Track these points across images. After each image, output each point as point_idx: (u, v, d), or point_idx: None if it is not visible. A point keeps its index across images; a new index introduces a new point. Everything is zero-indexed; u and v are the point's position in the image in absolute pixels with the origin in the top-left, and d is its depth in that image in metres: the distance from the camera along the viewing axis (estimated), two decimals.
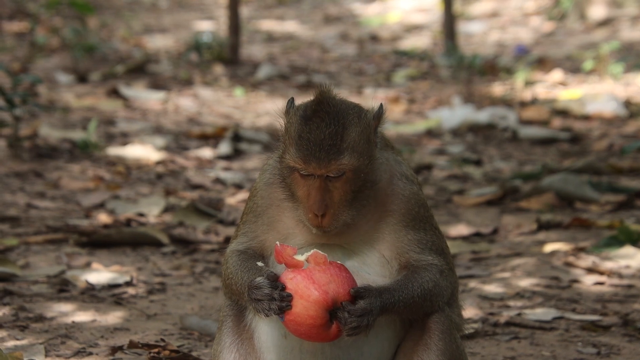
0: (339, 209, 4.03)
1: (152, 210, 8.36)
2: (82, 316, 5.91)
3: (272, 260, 4.14)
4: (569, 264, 7.02)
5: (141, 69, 15.32)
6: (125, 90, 13.45)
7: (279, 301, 3.85)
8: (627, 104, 13.53)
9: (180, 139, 11.46)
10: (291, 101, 4.16)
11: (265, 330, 4.15)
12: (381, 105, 4.16)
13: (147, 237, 7.51)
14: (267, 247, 4.21)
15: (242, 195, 9.08)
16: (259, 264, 4.08)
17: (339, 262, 3.96)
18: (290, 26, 22.02)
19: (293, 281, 3.88)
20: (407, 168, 4.26)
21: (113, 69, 15.00)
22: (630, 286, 6.61)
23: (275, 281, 3.88)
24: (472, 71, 15.42)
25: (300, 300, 3.84)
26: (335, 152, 3.99)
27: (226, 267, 4.21)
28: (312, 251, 3.92)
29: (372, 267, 4.12)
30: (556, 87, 15.04)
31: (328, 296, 3.84)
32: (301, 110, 4.08)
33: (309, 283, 3.85)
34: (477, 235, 8.02)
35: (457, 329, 4.22)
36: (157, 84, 14.34)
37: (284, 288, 3.86)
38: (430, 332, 4.11)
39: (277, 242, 3.95)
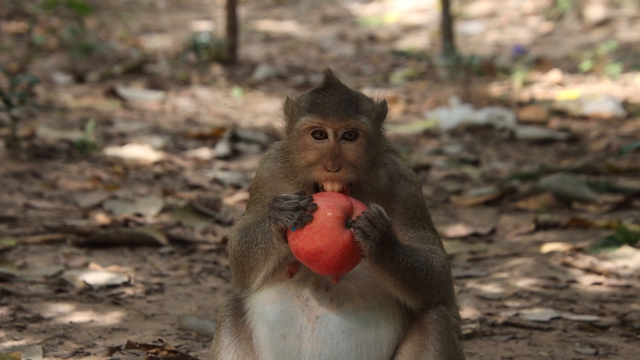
0: (352, 168, 4.05)
1: (150, 210, 8.36)
2: (80, 316, 5.91)
3: None
4: (567, 264, 7.02)
5: (139, 69, 15.32)
6: (123, 91, 13.44)
7: (304, 209, 3.87)
8: (625, 104, 13.54)
9: (178, 139, 11.46)
10: (289, 98, 4.20)
11: (263, 331, 4.15)
12: (384, 101, 4.22)
13: (145, 237, 7.51)
14: None
15: (240, 195, 9.08)
16: None
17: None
18: (288, 26, 22.02)
19: (318, 195, 3.97)
20: (405, 168, 4.28)
21: (111, 69, 15.00)
22: (628, 286, 6.61)
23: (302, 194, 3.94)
24: (470, 71, 15.43)
25: (321, 198, 3.92)
26: (353, 111, 4.05)
27: (232, 242, 4.18)
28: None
29: None
30: (554, 88, 15.05)
31: (349, 200, 3.92)
32: (307, 93, 4.14)
33: (332, 192, 3.97)
34: (475, 235, 8.02)
35: (455, 329, 4.22)
36: (155, 84, 14.34)
37: (311, 199, 3.91)
38: (428, 333, 4.11)
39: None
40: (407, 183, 4.24)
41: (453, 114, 12.80)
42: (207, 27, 20.45)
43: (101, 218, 8.02)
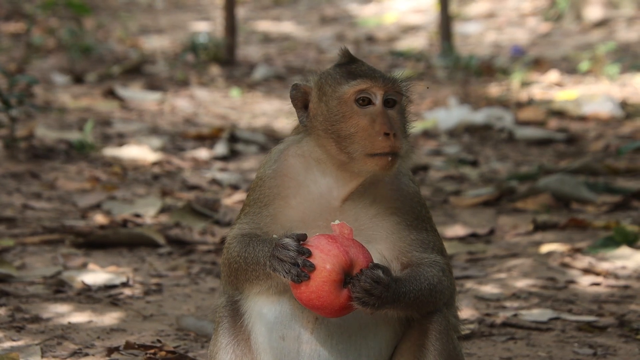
0: (400, 134, 4.10)
1: (148, 211, 8.36)
2: (79, 317, 5.90)
3: None
4: (565, 265, 7.02)
5: (137, 70, 15.32)
6: (122, 91, 13.44)
7: (299, 268, 3.83)
8: (623, 104, 13.54)
9: (177, 139, 11.46)
10: (297, 83, 4.18)
11: (262, 332, 4.14)
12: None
13: (144, 237, 7.51)
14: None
15: (239, 196, 9.08)
16: (275, 236, 4.05)
17: None
18: (287, 27, 22.03)
19: (316, 239, 3.90)
20: (407, 169, 4.29)
21: (109, 70, 15.00)
22: (626, 287, 6.61)
23: (300, 245, 3.88)
24: (469, 72, 15.43)
25: (320, 253, 3.86)
26: (393, 76, 4.15)
27: (230, 252, 4.15)
28: (339, 221, 3.95)
29: None
30: (552, 88, 15.05)
31: (347, 256, 3.86)
32: (332, 66, 4.18)
33: (332, 242, 3.88)
34: (474, 236, 8.02)
35: (454, 329, 4.21)
36: (153, 85, 14.34)
37: (309, 255, 3.85)
38: (428, 332, 4.10)
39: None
40: (411, 181, 4.26)
41: (451, 114, 12.80)
42: (206, 27, 20.45)
43: (100, 218, 8.02)
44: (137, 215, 8.25)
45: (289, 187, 4.17)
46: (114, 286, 6.50)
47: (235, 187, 9.55)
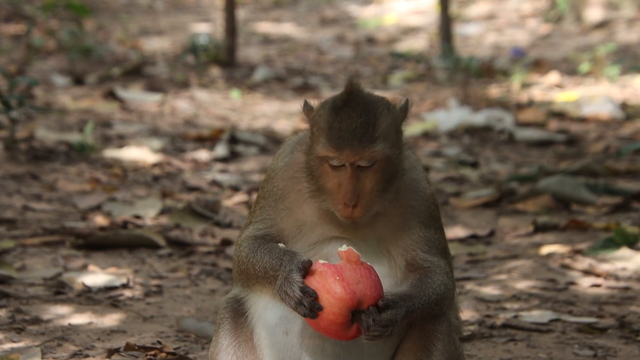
0: (370, 199, 4.02)
1: (148, 212, 8.36)
2: (79, 318, 5.90)
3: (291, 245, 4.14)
4: (566, 266, 7.02)
5: (137, 71, 15.32)
6: (122, 93, 13.44)
7: (307, 309, 3.85)
8: (624, 106, 13.54)
9: (177, 141, 11.46)
10: (307, 102, 4.15)
11: (265, 326, 4.14)
12: (407, 100, 4.17)
13: (144, 239, 7.51)
14: (285, 236, 4.16)
15: (239, 197, 9.08)
16: (281, 245, 4.06)
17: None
18: (287, 28, 22.03)
19: (322, 275, 3.88)
20: (423, 171, 4.30)
21: (109, 71, 15.00)
22: (626, 288, 6.61)
23: (306, 286, 3.87)
24: (469, 73, 15.43)
25: (327, 295, 3.85)
26: (368, 140, 3.98)
27: (240, 252, 4.16)
28: (347, 248, 3.92)
29: (379, 268, 4.08)
30: (552, 89, 15.05)
31: (354, 296, 3.84)
32: (330, 102, 4.08)
33: (338, 280, 3.86)
34: (474, 237, 8.02)
35: (456, 331, 4.22)
36: (153, 86, 14.34)
37: (315, 297, 3.85)
38: (430, 333, 4.11)
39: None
40: (427, 182, 4.27)
41: (452, 115, 12.79)
42: (206, 29, 20.45)
43: (100, 220, 8.02)
44: (137, 217, 8.25)
45: (306, 192, 4.15)
46: (114, 287, 6.50)
47: (235, 189, 9.54)
